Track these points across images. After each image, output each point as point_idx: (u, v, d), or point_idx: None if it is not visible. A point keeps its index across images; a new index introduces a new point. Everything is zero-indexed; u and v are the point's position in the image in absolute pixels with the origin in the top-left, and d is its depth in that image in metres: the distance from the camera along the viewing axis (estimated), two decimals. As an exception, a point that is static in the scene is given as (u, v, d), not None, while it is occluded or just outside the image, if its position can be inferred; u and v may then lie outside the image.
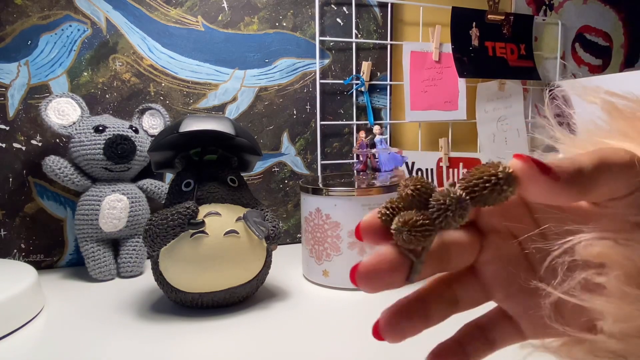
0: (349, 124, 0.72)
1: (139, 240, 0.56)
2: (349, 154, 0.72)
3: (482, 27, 0.75)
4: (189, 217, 0.41)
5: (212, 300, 0.43)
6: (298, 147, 0.69)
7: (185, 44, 0.63)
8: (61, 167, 0.53)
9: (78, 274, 0.56)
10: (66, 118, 0.54)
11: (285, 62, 0.67)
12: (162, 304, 0.46)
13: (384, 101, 0.74)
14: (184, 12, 0.62)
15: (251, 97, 0.66)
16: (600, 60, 0.90)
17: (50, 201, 0.58)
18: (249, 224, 0.42)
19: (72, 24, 0.58)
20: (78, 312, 0.44)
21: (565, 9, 0.85)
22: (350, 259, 0.48)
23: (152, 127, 0.60)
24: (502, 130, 0.78)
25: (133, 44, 0.60)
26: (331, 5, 0.69)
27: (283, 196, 0.69)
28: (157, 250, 0.42)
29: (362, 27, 0.71)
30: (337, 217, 0.48)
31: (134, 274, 0.55)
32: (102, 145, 0.53)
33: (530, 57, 0.79)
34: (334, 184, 0.51)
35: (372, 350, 0.36)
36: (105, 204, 0.52)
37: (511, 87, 0.77)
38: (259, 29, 0.66)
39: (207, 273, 0.41)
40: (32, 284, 0.44)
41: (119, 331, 0.40)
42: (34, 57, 0.56)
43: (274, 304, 0.46)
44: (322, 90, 0.69)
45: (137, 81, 0.61)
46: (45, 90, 0.57)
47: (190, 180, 0.45)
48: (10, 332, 0.39)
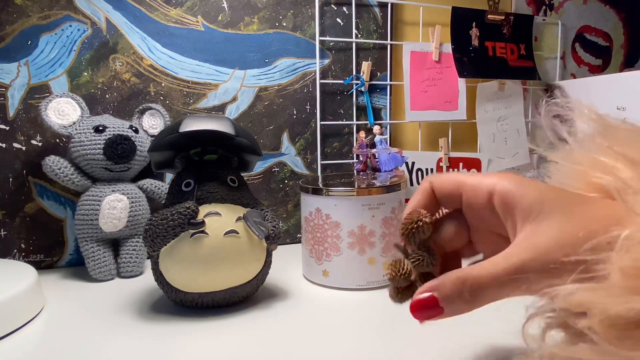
0: (349, 124, 0.72)
1: (139, 240, 0.56)
2: (349, 154, 0.72)
3: (482, 27, 0.75)
4: (189, 217, 0.41)
5: (212, 300, 0.43)
6: (298, 147, 0.69)
7: (185, 44, 0.63)
8: (61, 167, 0.53)
9: (78, 274, 0.56)
10: (66, 118, 0.54)
11: (285, 62, 0.67)
12: (162, 304, 0.46)
13: (384, 101, 0.74)
14: (184, 12, 0.62)
15: (251, 97, 0.66)
16: (600, 60, 0.90)
17: (50, 201, 0.58)
18: (249, 224, 0.42)
19: (72, 24, 0.58)
20: (78, 312, 0.44)
21: (565, 9, 0.85)
22: (350, 259, 0.49)
23: (152, 127, 0.60)
24: (502, 130, 0.78)
25: (133, 44, 0.60)
26: (331, 5, 0.69)
27: (283, 196, 0.69)
28: (157, 250, 0.42)
29: (362, 27, 0.71)
30: (337, 217, 0.48)
31: (134, 274, 0.55)
32: (102, 145, 0.53)
33: (530, 57, 0.79)
34: (334, 184, 0.51)
35: (372, 350, 0.36)
36: (105, 204, 0.52)
37: (511, 87, 0.77)
38: (259, 29, 0.66)
39: (207, 273, 0.41)
40: (32, 284, 0.44)
41: (119, 331, 0.40)
42: (34, 57, 0.56)
43: (274, 304, 0.46)
44: (322, 90, 0.69)
45: (137, 81, 0.61)
46: (45, 90, 0.57)
47: (190, 180, 0.45)
48: (10, 332, 0.39)
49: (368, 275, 0.49)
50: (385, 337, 0.38)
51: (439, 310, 0.24)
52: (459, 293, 0.23)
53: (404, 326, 0.40)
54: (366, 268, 0.49)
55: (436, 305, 0.23)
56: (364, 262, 0.49)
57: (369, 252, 0.48)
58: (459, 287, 0.23)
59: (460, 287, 0.23)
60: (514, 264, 0.22)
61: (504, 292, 0.23)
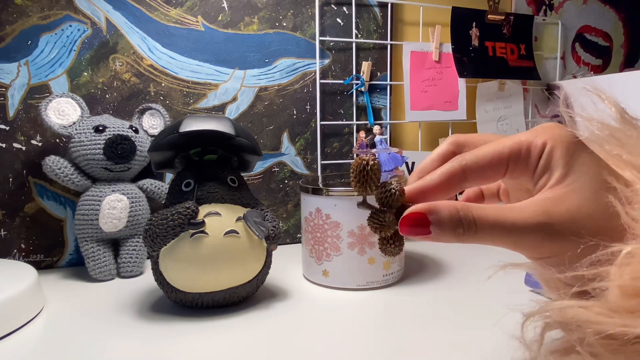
0: (349, 124, 0.72)
1: (139, 240, 0.56)
2: (349, 154, 0.72)
3: (482, 27, 0.75)
4: (189, 217, 0.41)
5: (212, 300, 0.43)
6: (298, 147, 0.69)
7: (185, 44, 0.63)
8: (61, 167, 0.53)
9: (78, 274, 0.56)
10: (66, 118, 0.54)
11: (285, 62, 0.67)
12: (162, 304, 0.46)
13: (384, 101, 0.74)
14: (184, 12, 0.62)
15: (251, 97, 0.66)
16: (600, 60, 0.90)
17: (50, 201, 0.58)
18: (249, 224, 0.42)
19: (72, 24, 0.58)
20: (78, 312, 0.44)
21: (565, 9, 0.85)
22: (350, 259, 0.49)
23: (152, 127, 0.60)
24: (502, 130, 0.78)
25: (133, 44, 0.60)
26: (331, 5, 0.69)
27: (283, 196, 0.69)
28: (157, 250, 0.42)
29: (362, 27, 0.71)
30: (337, 217, 0.48)
31: (134, 274, 0.55)
32: (102, 145, 0.53)
33: (530, 57, 0.79)
34: (334, 184, 0.51)
35: (372, 350, 0.36)
36: (105, 204, 0.52)
37: (511, 87, 0.77)
38: (259, 29, 0.66)
39: (207, 273, 0.41)
40: (32, 284, 0.44)
41: (119, 331, 0.40)
42: (34, 57, 0.56)
43: (274, 304, 0.46)
44: (322, 90, 0.69)
45: (137, 81, 0.61)
46: (45, 90, 0.57)
47: (190, 180, 0.45)
48: (10, 332, 0.39)
49: (368, 275, 0.49)
50: (385, 337, 0.38)
51: (426, 230, 0.22)
52: (453, 225, 0.22)
53: (404, 326, 0.40)
54: (366, 268, 0.49)
55: (426, 224, 0.22)
56: (364, 262, 0.49)
57: (369, 252, 0.48)
58: (456, 220, 0.22)
59: (457, 220, 0.22)
60: (517, 221, 0.21)
61: (496, 242, 0.22)
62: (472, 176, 0.24)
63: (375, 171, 0.25)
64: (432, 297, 0.46)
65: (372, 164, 0.25)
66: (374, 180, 0.25)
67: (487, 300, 0.45)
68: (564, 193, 0.21)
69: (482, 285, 0.49)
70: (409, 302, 0.45)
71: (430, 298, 0.46)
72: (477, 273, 0.53)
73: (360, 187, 0.25)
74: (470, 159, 0.24)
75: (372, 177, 0.25)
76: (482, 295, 0.46)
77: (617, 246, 0.19)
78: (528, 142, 0.23)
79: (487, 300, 0.45)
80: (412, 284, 0.51)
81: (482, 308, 0.43)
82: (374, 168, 0.25)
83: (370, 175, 0.25)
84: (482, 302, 0.44)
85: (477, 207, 0.22)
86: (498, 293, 0.44)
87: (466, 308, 0.43)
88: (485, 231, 0.22)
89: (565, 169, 0.22)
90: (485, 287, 0.47)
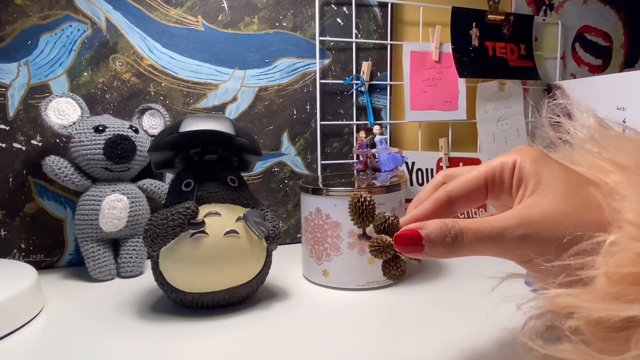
0: (349, 124, 0.72)
1: (139, 240, 0.56)
2: (349, 154, 0.72)
3: (482, 27, 0.75)
4: (189, 217, 0.41)
5: (212, 300, 0.43)
6: (298, 147, 0.69)
7: (185, 44, 0.63)
8: (61, 167, 0.53)
9: (78, 274, 0.56)
10: (66, 118, 0.54)
11: (285, 62, 0.67)
12: (162, 304, 0.46)
13: (384, 101, 0.74)
14: (184, 12, 0.62)
15: (251, 97, 0.66)
16: (600, 60, 0.90)
17: (50, 201, 0.58)
18: (249, 224, 0.42)
19: (72, 24, 0.58)
20: (78, 312, 0.44)
21: (565, 9, 0.85)
22: (350, 259, 0.49)
23: (152, 127, 0.60)
24: (502, 130, 0.78)
25: (133, 44, 0.60)
26: (331, 5, 0.69)
27: (283, 196, 0.69)
28: (157, 250, 0.42)
29: (362, 27, 0.71)
30: (337, 217, 0.48)
31: (134, 274, 0.55)
32: (102, 145, 0.53)
33: (530, 57, 0.79)
34: (334, 184, 0.51)
35: (372, 350, 0.36)
36: (105, 204, 0.52)
37: (511, 87, 0.77)
38: (259, 29, 0.66)
39: (207, 273, 0.41)
40: (32, 284, 0.44)
41: (119, 331, 0.40)
42: (34, 57, 0.56)
43: (274, 304, 0.46)
44: (322, 90, 0.69)
45: (137, 81, 0.61)
46: (45, 90, 0.57)
47: (190, 180, 0.45)
48: (10, 332, 0.39)
49: (368, 275, 0.49)
50: (385, 337, 0.38)
51: (419, 248, 0.25)
52: (442, 237, 0.24)
53: (404, 326, 0.40)
54: (366, 268, 0.49)
55: (419, 242, 0.25)
56: (364, 262, 0.49)
57: (369, 252, 0.48)
58: (444, 231, 0.24)
59: (446, 232, 0.24)
60: (497, 226, 0.23)
61: (484, 250, 0.24)
62: (457, 201, 0.28)
63: (370, 204, 0.28)
64: (432, 297, 0.46)
65: (366, 198, 0.28)
66: (371, 212, 0.28)
67: (487, 300, 0.44)
68: (538, 199, 0.24)
69: (481, 285, 0.48)
70: (409, 302, 0.45)
71: (430, 298, 0.46)
72: (476, 273, 0.53)
73: (358, 220, 0.28)
74: (454, 186, 0.28)
75: (368, 210, 0.28)
76: (482, 295, 0.46)
77: (601, 236, 0.20)
78: (501, 164, 0.26)
79: (487, 300, 0.44)
80: (412, 284, 0.51)
81: (482, 308, 0.43)
82: (369, 201, 0.28)
83: (367, 208, 0.28)
84: (482, 302, 0.44)
85: (463, 220, 0.25)
86: (498, 293, 0.43)
87: (466, 308, 0.43)
88: (471, 238, 0.24)
89: (536, 178, 0.24)
90: (485, 287, 0.47)
